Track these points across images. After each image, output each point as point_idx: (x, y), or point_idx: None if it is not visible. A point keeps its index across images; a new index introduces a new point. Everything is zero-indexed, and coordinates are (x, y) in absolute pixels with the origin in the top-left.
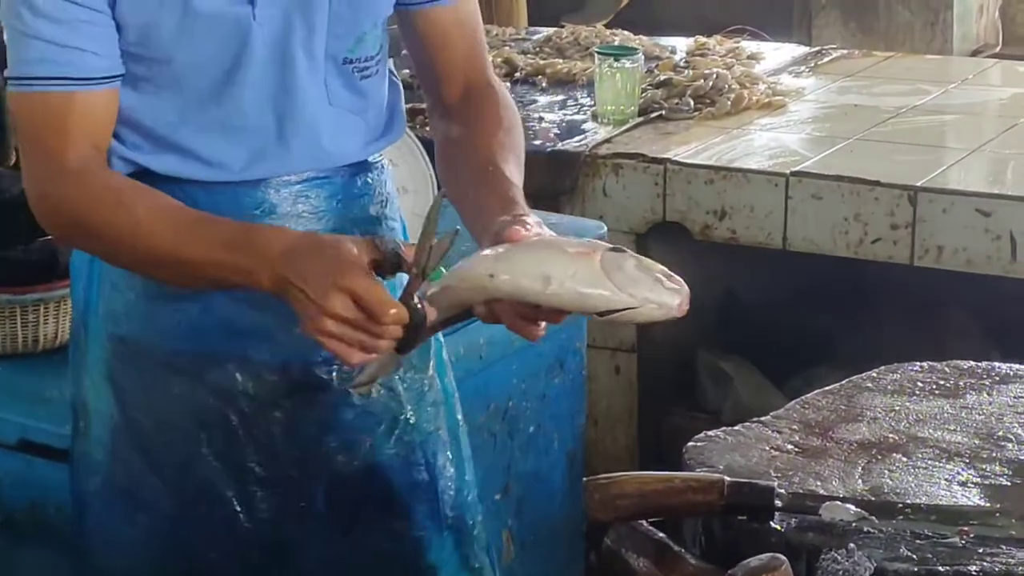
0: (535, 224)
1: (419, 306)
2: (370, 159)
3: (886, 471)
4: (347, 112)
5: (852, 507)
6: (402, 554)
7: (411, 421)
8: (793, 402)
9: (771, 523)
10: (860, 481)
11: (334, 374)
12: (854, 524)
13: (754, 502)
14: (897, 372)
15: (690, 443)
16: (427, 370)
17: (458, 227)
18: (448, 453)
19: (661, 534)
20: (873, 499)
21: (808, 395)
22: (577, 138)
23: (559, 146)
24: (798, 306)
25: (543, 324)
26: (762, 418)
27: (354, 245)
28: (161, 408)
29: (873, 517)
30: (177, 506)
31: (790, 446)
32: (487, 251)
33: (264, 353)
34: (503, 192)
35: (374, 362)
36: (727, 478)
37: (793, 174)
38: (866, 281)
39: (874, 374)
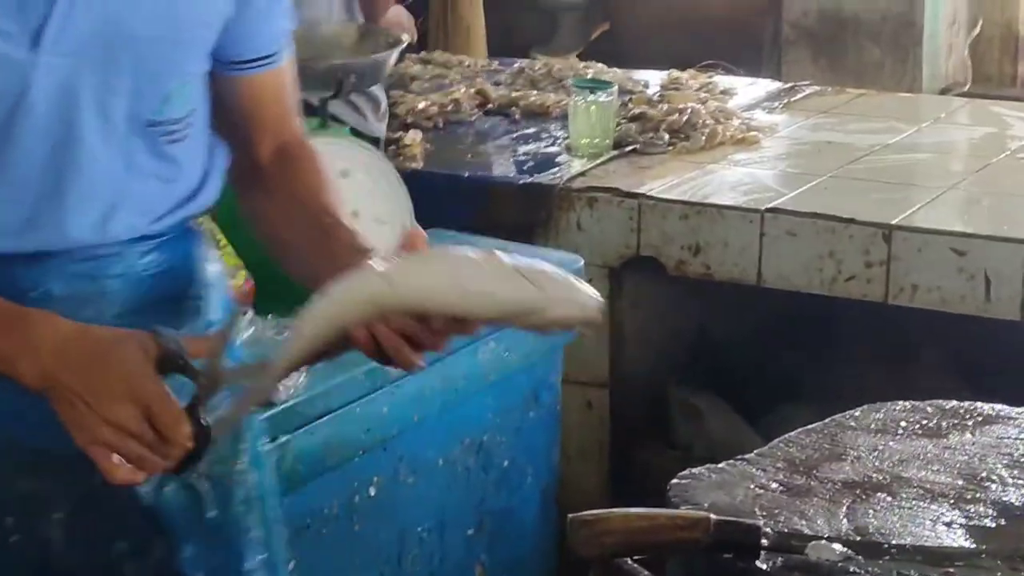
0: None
1: (206, 424)
2: (172, 231)
3: (871, 511)
4: (151, 179)
5: (838, 547)
6: None
7: (215, 521)
8: (776, 440)
9: (757, 562)
10: (845, 520)
11: None
12: (840, 564)
13: (740, 540)
14: (880, 411)
15: (674, 480)
16: (237, 462)
17: (245, 311)
18: (258, 558)
19: (647, 572)
20: (859, 539)
21: (791, 433)
22: (551, 171)
23: (533, 179)
24: (771, 342)
25: (423, 353)
26: (746, 456)
27: (138, 344)
28: None
29: (860, 557)
30: None
31: (775, 484)
32: (372, 266)
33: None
34: (350, 240)
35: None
36: (713, 516)
37: (768, 210)
38: (840, 318)
39: (857, 413)
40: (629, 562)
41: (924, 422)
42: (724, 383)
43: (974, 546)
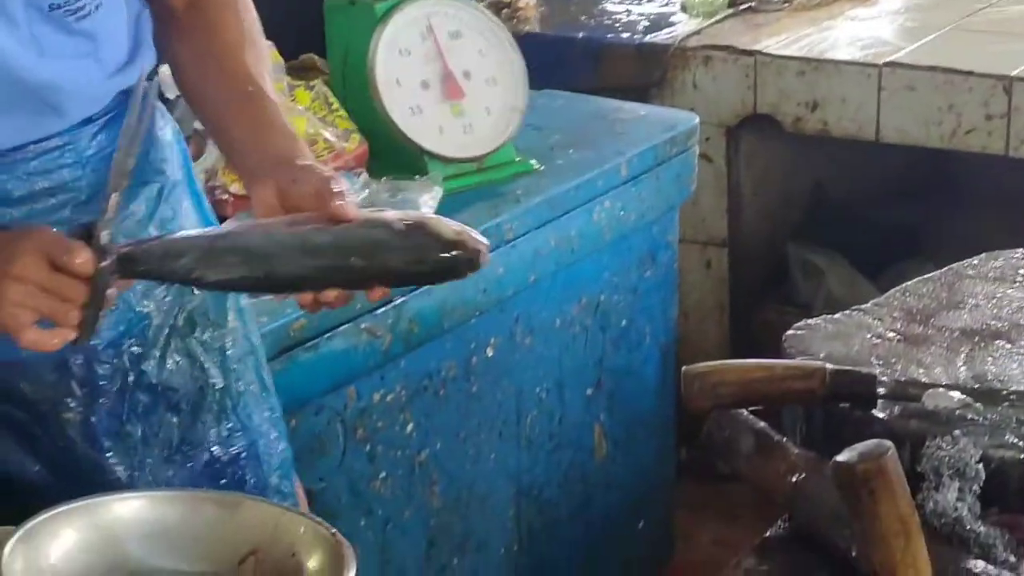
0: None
1: (106, 264)
2: (113, 107)
3: (989, 358)
4: (70, 60)
5: (956, 394)
6: None
7: (218, 385)
8: (893, 290)
9: (873, 411)
10: (963, 368)
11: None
12: (958, 411)
13: (856, 390)
14: (999, 259)
15: (789, 331)
16: (226, 324)
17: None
18: (264, 412)
19: (762, 423)
20: (977, 386)
21: (908, 283)
22: (666, 30)
23: (647, 39)
24: (890, 199)
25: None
26: (862, 306)
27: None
28: None
29: (978, 404)
30: None
31: (891, 334)
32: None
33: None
34: (271, 119)
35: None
36: (828, 365)
37: (886, 65)
38: (959, 173)
39: (975, 261)
40: (745, 413)
41: None
42: (843, 240)
43: None
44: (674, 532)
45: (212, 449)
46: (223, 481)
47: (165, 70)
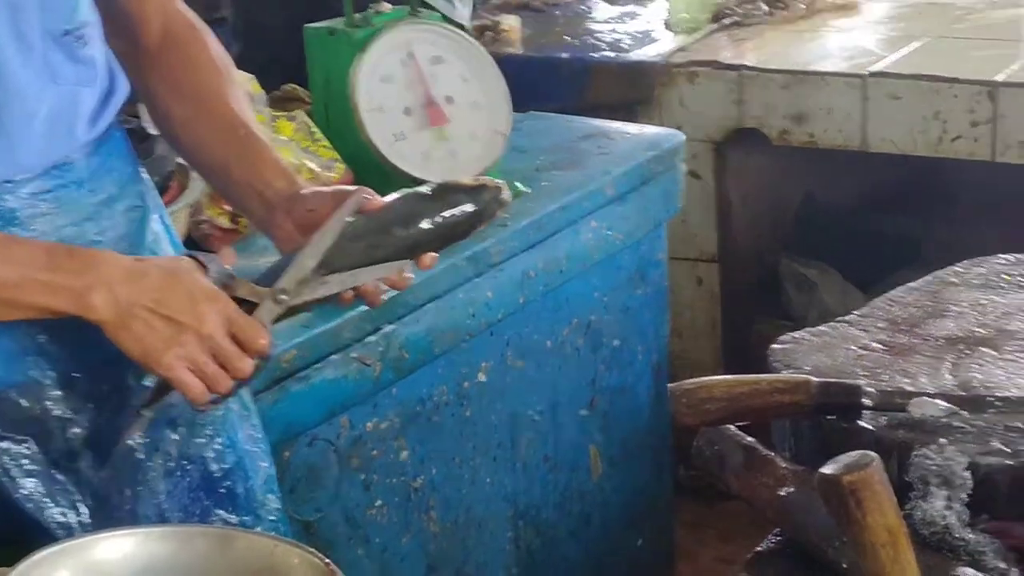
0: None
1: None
2: (105, 128)
3: (975, 365)
4: (76, 86)
5: (942, 403)
6: None
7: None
8: (878, 299)
9: (860, 422)
10: (949, 376)
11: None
12: (944, 420)
13: (842, 401)
14: (983, 266)
15: (775, 345)
16: None
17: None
18: (248, 430)
19: (751, 438)
20: (963, 394)
21: (892, 292)
22: (651, 48)
23: (633, 56)
24: (880, 208)
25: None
26: (847, 317)
27: (194, 266)
28: None
29: (964, 412)
30: None
31: (876, 344)
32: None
33: (45, 372)
34: (267, 160)
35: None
36: (814, 378)
37: (871, 74)
38: (947, 180)
39: (959, 268)
40: (733, 429)
41: None
42: (835, 252)
43: None
44: (675, 550)
45: (207, 464)
46: (215, 496)
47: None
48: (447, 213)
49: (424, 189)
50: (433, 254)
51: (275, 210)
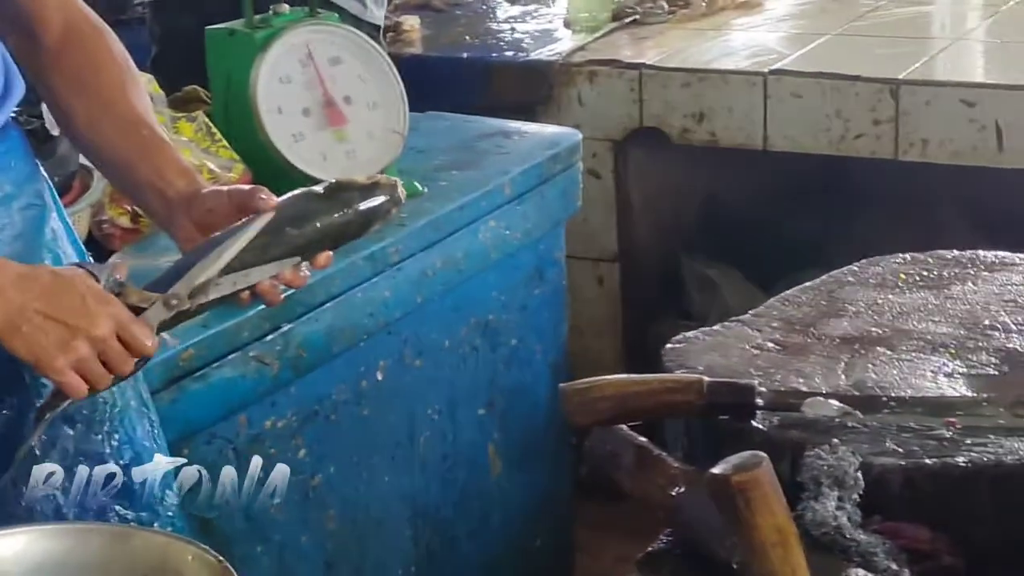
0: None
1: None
2: (1, 127)
3: (870, 365)
4: None
5: (835, 403)
6: None
7: (107, 400)
8: (773, 299)
9: (753, 422)
10: (843, 376)
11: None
12: (838, 420)
13: (735, 401)
14: (879, 265)
15: (668, 345)
16: None
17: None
18: (146, 426)
19: (643, 438)
20: (857, 394)
21: (788, 292)
22: (550, 47)
23: (532, 56)
24: (782, 208)
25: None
26: (741, 317)
27: (85, 273)
28: None
29: (857, 412)
30: None
31: (771, 344)
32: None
33: None
34: (169, 160)
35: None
36: (706, 378)
37: (771, 72)
38: (851, 179)
39: (855, 268)
40: (625, 428)
41: (924, 273)
42: (737, 252)
43: (975, 395)
44: (574, 549)
45: (106, 460)
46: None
47: None
48: (339, 212)
49: (317, 188)
50: (328, 253)
51: (176, 209)
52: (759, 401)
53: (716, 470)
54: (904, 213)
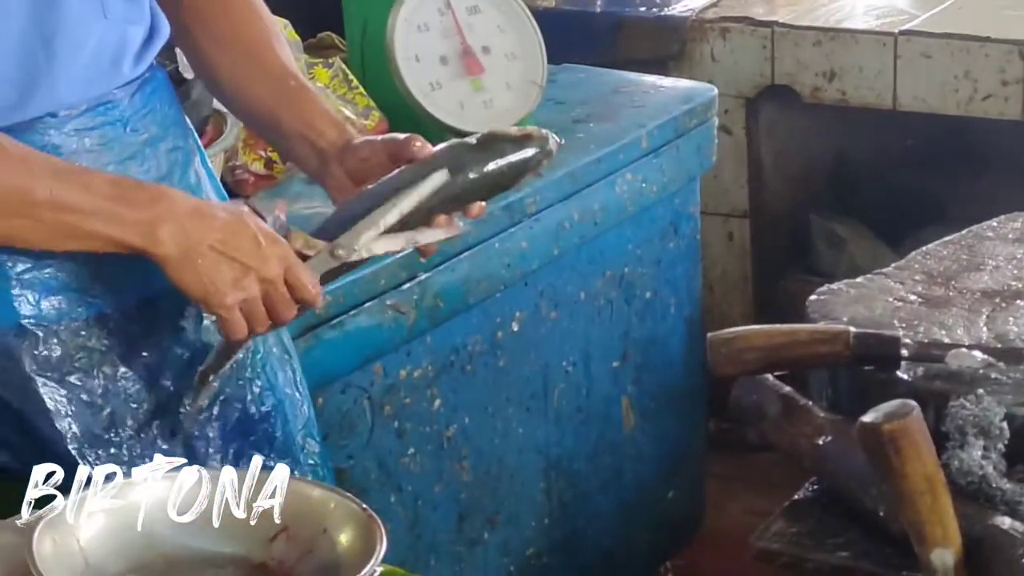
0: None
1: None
2: (148, 68)
3: (1011, 318)
4: (124, 24)
5: (979, 354)
6: None
7: (248, 346)
8: (914, 253)
9: (898, 372)
10: (985, 329)
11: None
12: (981, 371)
13: (880, 352)
14: (1018, 220)
15: (812, 296)
16: None
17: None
18: (288, 373)
19: (788, 387)
20: (999, 346)
21: (929, 246)
22: (683, 2)
23: (665, 11)
24: (910, 166)
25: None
26: (884, 270)
27: (254, 213)
28: None
29: (1000, 363)
30: None
31: (913, 296)
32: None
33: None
34: (319, 111)
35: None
36: (852, 328)
37: (901, 33)
38: (977, 139)
39: (995, 223)
40: (771, 378)
41: None
42: (865, 209)
43: None
44: (705, 502)
45: (246, 406)
46: (253, 438)
47: None
48: (493, 163)
49: (470, 139)
50: (481, 204)
51: (328, 160)
52: (904, 352)
53: (866, 418)
54: None
